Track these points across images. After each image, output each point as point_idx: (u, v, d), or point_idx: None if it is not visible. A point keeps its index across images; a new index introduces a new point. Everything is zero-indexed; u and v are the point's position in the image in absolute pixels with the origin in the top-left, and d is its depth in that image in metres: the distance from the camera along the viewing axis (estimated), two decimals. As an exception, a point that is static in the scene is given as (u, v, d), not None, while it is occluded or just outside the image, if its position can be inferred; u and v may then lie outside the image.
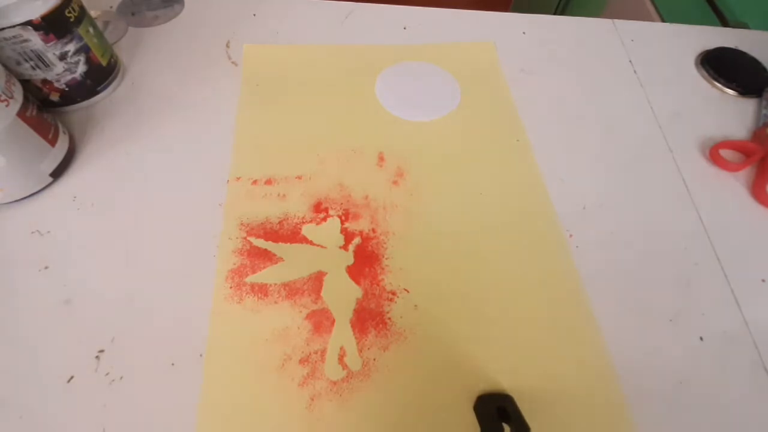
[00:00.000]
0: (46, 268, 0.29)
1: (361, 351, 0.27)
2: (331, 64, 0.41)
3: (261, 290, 0.29)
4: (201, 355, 0.27)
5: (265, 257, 0.30)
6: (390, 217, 0.32)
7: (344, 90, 0.39)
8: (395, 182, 0.34)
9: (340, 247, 0.31)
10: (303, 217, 0.32)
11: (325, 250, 0.31)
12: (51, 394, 0.25)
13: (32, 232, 0.30)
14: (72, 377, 0.26)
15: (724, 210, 0.35)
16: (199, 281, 0.29)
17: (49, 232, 0.30)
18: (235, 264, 0.30)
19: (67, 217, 0.31)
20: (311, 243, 0.31)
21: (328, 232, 0.32)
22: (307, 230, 0.31)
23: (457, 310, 0.29)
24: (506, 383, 0.27)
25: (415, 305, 0.29)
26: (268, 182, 0.33)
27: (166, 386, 0.26)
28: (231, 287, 0.29)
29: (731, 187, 0.36)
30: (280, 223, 0.32)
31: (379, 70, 0.41)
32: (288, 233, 0.31)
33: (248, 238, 0.31)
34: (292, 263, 0.30)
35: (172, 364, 0.26)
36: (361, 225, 0.32)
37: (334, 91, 0.39)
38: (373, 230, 0.32)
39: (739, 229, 0.34)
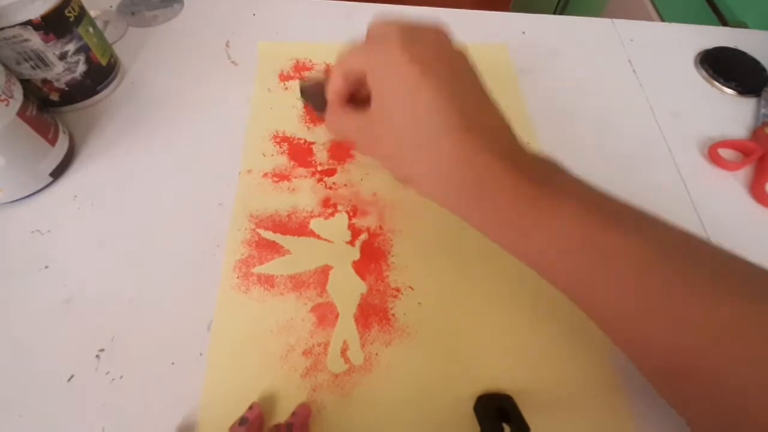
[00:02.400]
0: (46, 268, 0.29)
1: (363, 346, 0.27)
2: None
3: (267, 281, 0.29)
4: (201, 354, 0.27)
5: (273, 249, 0.30)
6: (397, 214, 0.32)
7: None
8: None
9: (347, 243, 0.31)
10: (311, 212, 0.32)
11: (332, 244, 0.31)
12: (51, 393, 0.25)
13: (32, 232, 0.30)
14: (72, 377, 0.26)
15: (723, 209, 0.35)
16: (198, 281, 0.29)
17: (49, 231, 0.30)
18: (243, 254, 0.30)
19: (67, 216, 0.31)
20: (318, 237, 0.31)
21: (336, 227, 0.32)
22: (315, 224, 0.32)
23: (460, 309, 0.29)
24: (506, 383, 0.27)
25: (419, 303, 0.29)
26: (279, 176, 0.34)
27: (166, 385, 0.26)
28: (238, 277, 0.29)
29: (730, 187, 0.36)
30: (288, 216, 0.32)
31: None
32: (296, 226, 0.32)
33: (257, 230, 0.31)
34: (299, 256, 0.30)
35: (172, 364, 0.26)
36: (368, 221, 0.32)
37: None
38: (380, 227, 0.32)
39: (739, 228, 0.34)
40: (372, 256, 0.31)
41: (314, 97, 0.29)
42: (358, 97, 0.26)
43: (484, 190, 0.21)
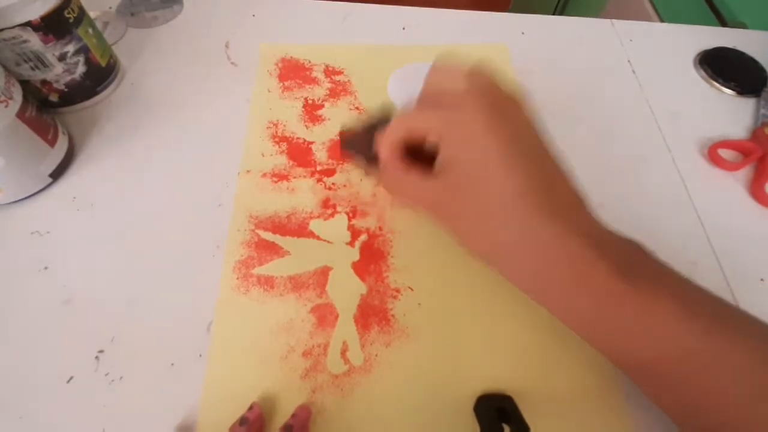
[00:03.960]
0: (46, 268, 0.29)
1: (363, 346, 0.27)
2: (344, 63, 0.41)
3: (267, 282, 0.29)
4: (201, 355, 0.27)
5: (272, 250, 0.30)
6: (397, 215, 0.32)
7: (357, 88, 0.40)
8: None
9: (347, 243, 0.31)
10: (311, 212, 0.32)
11: (332, 245, 0.31)
12: (51, 394, 0.25)
13: (32, 233, 0.30)
14: (72, 377, 0.26)
15: (722, 209, 0.35)
16: (198, 282, 0.29)
17: (49, 232, 0.30)
18: (242, 255, 0.30)
19: (67, 217, 0.31)
20: (318, 238, 0.31)
21: (336, 227, 0.32)
22: (314, 225, 0.32)
23: (460, 310, 0.29)
24: (506, 383, 0.27)
25: (419, 303, 0.29)
26: (278, 176, 0.34)
27: (166, 386, 0.26)
28: (238, 278, 0.29)
29: (730, 187, 0.36)
30: (288, 217, 0.32)
31: (391, 70, 0.41)
32: (296, 227, 0.32)
33: (256, 231, 0.31)
34: (298, 257, 0.30)
35: (172, 364, 0.26)
36: (368, 222, 0.32)
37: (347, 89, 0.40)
38: (380, 228, 0.32)
39: (738, 229, 0.34)
40: (372, 257, 0.31)
41: (359, 147, 0.27)
42: (411, 150, 0.24)
43: (578, 278, 0.20)
